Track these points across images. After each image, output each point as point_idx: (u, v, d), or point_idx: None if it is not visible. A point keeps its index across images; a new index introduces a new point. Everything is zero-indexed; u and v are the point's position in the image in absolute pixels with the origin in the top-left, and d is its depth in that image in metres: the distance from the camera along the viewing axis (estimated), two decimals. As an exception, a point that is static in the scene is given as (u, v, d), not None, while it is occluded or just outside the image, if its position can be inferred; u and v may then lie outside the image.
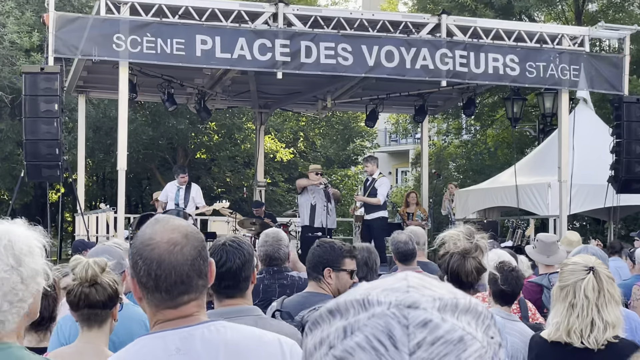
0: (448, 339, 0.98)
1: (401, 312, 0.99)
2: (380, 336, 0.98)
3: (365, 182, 14.90)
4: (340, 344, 0.99)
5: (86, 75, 15.17)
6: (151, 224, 2.20)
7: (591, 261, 3.86)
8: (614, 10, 22.15)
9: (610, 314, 3.71)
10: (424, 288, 1.03)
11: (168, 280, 2.11)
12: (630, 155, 13.58)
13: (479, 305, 1.04)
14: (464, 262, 4.09)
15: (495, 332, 1.04)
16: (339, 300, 1.05)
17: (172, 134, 24.07)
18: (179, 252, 2.12)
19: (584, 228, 22.30)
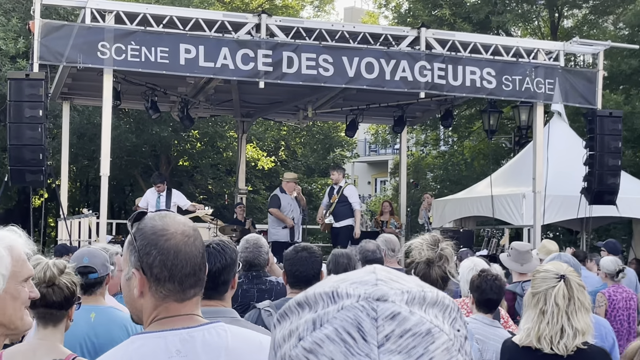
0: (416, 331, 0.98)
1: (370, 305, 0.99)
2: (349, 328, 0.98)
3: (331, 191, 15.01)
4: (310, 335, 1.00)
5: (71, 82, 15.31)
6: (159, 217, 2.20)
7: (563, 269, 3.94)
8: (588, 26, 22.54)
9: (580, 321, 3.79)
10: (392, 281, 1.04)
11: (183, 271, 2.12)
12: (603, 168, 13.90)
13: (446, 298, 1.05)
14: (429, 271, 4.13)
15: (461, 325, 1.05)
16: (307, 293, 1.05)
17: (155, 141, 24.19)
18: (192, 244, 2.14)
19: (557, 238, 22.59)
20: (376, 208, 28.22)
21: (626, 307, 9.22)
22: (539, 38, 23.25)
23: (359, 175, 45.41)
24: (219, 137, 25.80)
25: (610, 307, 9.18)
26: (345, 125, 18.74)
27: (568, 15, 24.29)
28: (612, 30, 22.71)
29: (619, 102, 18.14)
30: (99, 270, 4.49)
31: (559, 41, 16.94)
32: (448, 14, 20.75)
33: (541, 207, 14.12)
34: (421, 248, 4.17)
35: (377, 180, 45.28)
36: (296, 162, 30.69)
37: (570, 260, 5.30)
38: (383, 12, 27.05)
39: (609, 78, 19.62)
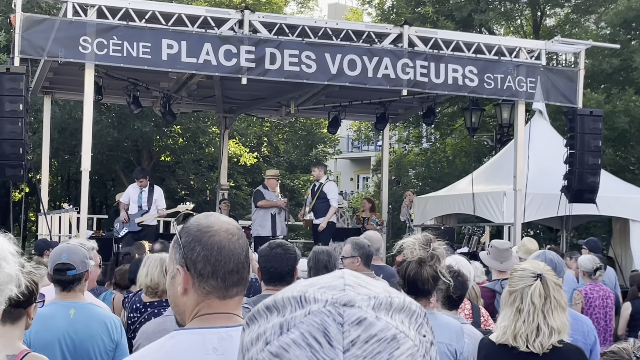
0: (381, 337, 0.99)
1: (337, 310, 1.00)
2: (315, 333, 0.99)
3: (313, 187, 15.03)
4: (276, 340, 1.01)
5: (52, 77, 15.25)
6: (204, 216, 2.22)
7: (540, 268, 3.96)
8: (570, 25, 22.67)
9: (556, 320, 3.81)
10: (360, 286, 1.05)
11: (226, 267, 2.13)
12: (583, 166, 14.00)
13: (412, 304, 1.06)
14: (420, 271, 4.14)
15: (427, 331, 1.06)
16: (276, 297, 1.06)
17: (137, 136, 24.12)
18: (236, 242, 2.16)
19: (538, 236, 22.72)
20: (358, 205, 28.29)
21: (603, 306, 9.29)
22: (522, 36, 23.35)
23: (342, 172, 45.46)
24: (201, 133, 25.76)
25: (587, 305, 9.24)
26: (327, 121, 18.74)
27: (550, 14, 24.42)
28: (594, 30, 22.85)
29: (599, 101, 18.25)
30: (77, 267, 4.48)
31: (541, 40, 17.03)
32: (431, 12, 20.82)
33: (522, 205, 14.20)
34: (413, 247, 4.17)
35: (360, 177, 45.35)
36: (279, 158, 30.69)
37: (554, 258, 5.29)
38: (366, 8, 27.09)
39: (590, 77, 19.75)
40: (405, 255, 4.21)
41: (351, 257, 6.89)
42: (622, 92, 19.38)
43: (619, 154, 20.92)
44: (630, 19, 19.88)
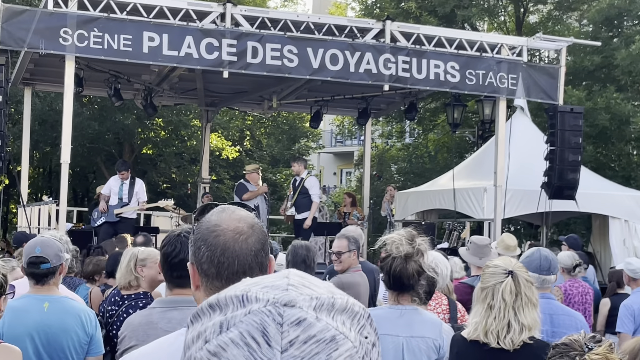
0: (320, 338, 0.99)
1: (277, 310, 1.00)
2: (254, 333, 0.99)
3: (294, 183, 15.02)
4: (215, 339, 1.01)
5: (33, 68, 15.16)
6: (217, 212, 2.15)
7: (511, 265, 3.99)
8: (553, 22, 22.76)
9: (527, 317, 3.83)
10: (304, 287, 1.05)
11: (230, 269, 2.06)
12: (563, 163, 14.07)
13: (355, 305, 1.06)
14: (406, 266, 4.18)
15: (369, 332, 1.05)
16: (220, 295, 1.06)
17: (119, 129, 24.03)
18: (244, 242, 2.07)
19: (518, 232, 22.83)
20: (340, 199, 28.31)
21: (582, 302, 9.35)
22: (504, 33, 23.40)
23: (325, 166, 45.46)
24: (183, 126, 25.68)
25: (566, 301, 9.30)
26: (309, 116, 18.74)
27: (533, 11, 24.50)
28: (577, 27, 22.94)
29: (581, 98, 18.34)
30: (51, 260, 4.46)
31: (524, 36, 17.07)
32: (414, 7, 20.83)
33: (502, 201, 14.26)
34: (400, 243, 4.19)
35: (343, 172, 45.36)
36: (261, 152, 30.65)
37: (549, 255, 5.31)
38: (350, 3, 27.08)
39: (572, 74, 19.85)
40: (389, 251, 4.22)
41: (348, 251, 6.91)
42: (603, 90, 19.49)
43: (599, 150, 21.03)
44: (612, 16, 20.00)
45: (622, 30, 20.65)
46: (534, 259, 5.11)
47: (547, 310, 4.74)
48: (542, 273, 5.04)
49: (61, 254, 4.58)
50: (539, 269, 5.04)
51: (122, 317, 5.83)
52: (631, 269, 8.17)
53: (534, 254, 5.20)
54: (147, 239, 9.98)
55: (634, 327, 7.82)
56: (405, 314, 4.32)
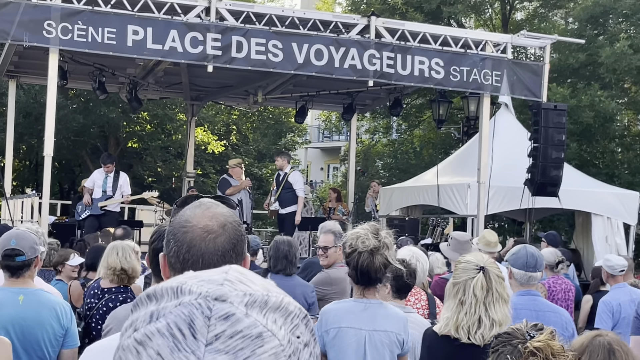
0: (247, 334, 1.00)
1: (207, 304, 1.01)
2: (181, 324, 0.99)
3: (277, 177, 15.04)
4: (144, 327, 1.01)
5: (17, 60, 15.11)
6: (193, 206, 2.10)
7: (483, 260, 4.01)
8: (539, 19, 22.83)
9: (498, 313, 3.85)
10: (240, 283, 1.06)
11: (194, 267, 1.99)
12: (546, 160, 14.12)
13: (291, 304, 1.07)
14: (372, 260, 4.20)
15: (303, 332, 1.05)
16: (157, 286, 1.07)
17: (104, 122, 23.95)
18: (212, 241, 2.02)
19: (502, 228, 22.94)
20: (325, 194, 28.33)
21: (565, 298, 9.42)
22: (491, 30, 23.49)
23: (312, 161, 45.48)
24: (168, 120, 25.63)
25: (550, 297, 9.37)
26: (295, 111, 18.76)
27: (520, 8, 24.57)
28: (562, 25, 23.02)
29: (565, 95, 18.41)
30: (26, 253, 4.45)
31: (510, 33, 17.12)
32: (400, 3, 20.85)
33: (485, 197, 14.31)
34: (366, 237, 4.21)
35: (330, 167, 45.40)
36: (247, 146, 30.61)
37: (535, 252, 5.33)
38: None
39: (557, 71, 19.93)
40: (355, 246, 4.23)
41: (335, 246, 6.94)
42: (587, 87, 19.57)
43: (583, 148, 21.13)
44: (597, 14, 20.08)
45: (607, 29, 20.74)
46: (520, 256, 5.14)
47: (532, 307, 4.78)
48: (528, 270, 5.07)
49: (36, 247, 4.57)
50: (525, 266, 5.07)
51: (102, 310, 5.85)
52: (609, 265, 8.23)
53: (520, 250, 5.22)
54: (126, 231, 10.00)
55: (612, 323, 7.88)
56: (370, 308, 4.35)
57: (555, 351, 2.45)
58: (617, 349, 3.05)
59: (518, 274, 4.46)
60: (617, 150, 22.46)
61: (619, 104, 20.76)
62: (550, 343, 2.47)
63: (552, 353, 2.44)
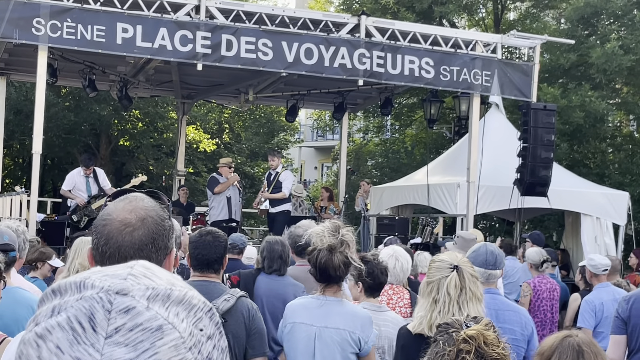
0: (147, 326, 1.01)
1: (107, 297, 1.02)
2: (81, 318, 1.00)
3: (269, 177, 15.05)
4: (45, 322, 1.02)
5: (7, 58, 15.10)
6: (117, 200, 2.14)
7: (457, 259, 4.03)
8: (530, 20, 22.86)
9: (471, 311, 3.82)
10: (144, 277, 1.07)
11: (111, 259, 2.02)
12: (535, 160, 14.16)
13: (194, 298, 1.08)
14: (331, 257, 4.23)
15: (206, 325, 1.07)
16: (62, 281, 1.08)
17: (95, 119, 23.93)
18: (128, 234, 2.04)
19: (493, 228, 22.99)
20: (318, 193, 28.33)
21: (550, 298, 9.46)
22: (483, 30, 23.50)
23: (306, 160, 45.47)
24: (159, 118, 25.62)
25: (535, 297, 9.41)
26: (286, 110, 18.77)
27: (511, 8, 24.61)
28: (554, 25, 23.05)
29: (556, 95, 18.44)
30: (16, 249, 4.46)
31: (502, 33, 17.14)
32: (392, 3, 20.86)
33: (474, 197, 14.33)
34: (322, 235, 4.25)
35: (324, 166, 45.38)
36: (240, 145, 30.61)
37: (495, 250, 5.36)
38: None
39: (548, 71, 19.97)
40: (314, 244, 4.27)
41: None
42: (578, 88, 19.60)
43: (574, 148, 21.17)
44: (588, 15, 20.11)
45: (598, 29, 20.78)
46: (480, 254, 5.15)
47: (492, 306, 4.78)
48: (488, 268, 5.08)
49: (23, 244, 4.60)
50: (485, 263, 5.08)
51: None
52: (593, 264, 8.26)
53: (480, 248, 5.24)
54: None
55: (595, 322, 7.92)
56: (326, 305, 4.36)
57: (489, 341, 2.49)
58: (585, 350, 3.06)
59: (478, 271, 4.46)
60: (607, 150, 22.50)
61: (610, 104, 20.80)
62: (484, 332, 2.51)
63: (485, 342, 2.48)
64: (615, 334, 5.55)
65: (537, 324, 9.06)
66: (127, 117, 25.52)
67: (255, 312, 4.62)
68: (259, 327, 4.60)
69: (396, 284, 6.01)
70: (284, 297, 6.47)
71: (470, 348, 2.47)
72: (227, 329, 4.43)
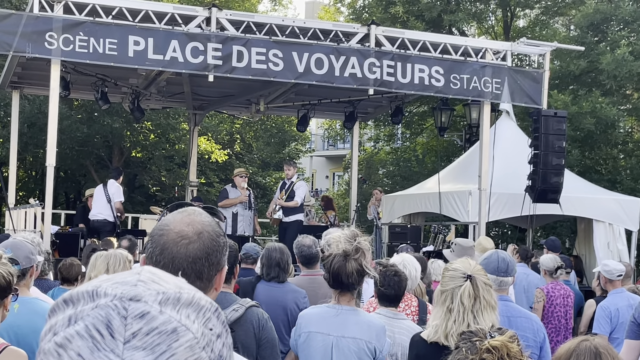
0: (162, 329, 1.05)
1: (122, 304, 1.06)
2: (99, 325, 1.04)
3: (283, 186, 15.10)
4: (63, 331, 1.05)
5: (20, 71, 15.21)
6: (176, 212, 2.16)
7: (470, 268, 4.02)
8: (540, 27, 22.86)
9: (486, 320, 3.85)
10: (153, 282, 1.11)
11: (165, 269, 1.93)
12: (547, 167, 14.15)
13: (202, 299, 1.12)
14: (344, 264, 4.24)
15: (215, 325, 1.12)
16: (73, 291, 1.11)
17: (107, 132, 24.06)
18: (184, 247, 2.05)
19: (505, 235, 22.95)
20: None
21: (564, 304, 9.44)
22: (492, 37, 23.53)
23: (317, 169, 45.52)
24: (171, 129, 25.72)
25: (548, 303, 9.40)
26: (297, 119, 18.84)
27: (521, 15, 24.62)
28: (564, 32, 23.04)
29: (566, 102, 18.43)
30: (21, 262, 4.49)
31: (512, 41, 17.16)
32: (401, 12, 20.92)
33: (486, 204, 14.33)
34: (339, 241, 4.29)
35: (335, 175, 45.42)
36: (251, 155, 30.69)
37: (506, 257, 5.37)
38: (339, 7, 27.17)
39: (558, 78, 19.95)
40: (332, 249, 4.31)
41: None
42: (588, 94, 19.58)
43: (586, 155, 21.14)
44: (598, 21, 20.11)
45: (608, 35, 20.77)
46: (492, 261, 5.17)
47: (504, 313, 4.79)
48: (499, 275, 5.10)
49: (32, 256, 4.61)
50: (496, 270, 5.10)
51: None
52: (607, 270, 8.26)
53: (492, 255, 5.26)
54: (132, 242, 9.98)
55: (610, 328, 7.91)
56: (342, 314, 4.37)
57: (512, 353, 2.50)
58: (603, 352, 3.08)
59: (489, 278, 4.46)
60: (619, 156, 22.45)
61: (621, 110, 20.76)
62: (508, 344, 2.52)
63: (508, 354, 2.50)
64: (631, 338, 5.54)
65: (551, 331, 9.06)
66: (139, 128, 25.63)
67: (265, 321, 4.59)
68: (270, 337, 4.58)
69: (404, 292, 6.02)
70: (284, 304, 6.50)
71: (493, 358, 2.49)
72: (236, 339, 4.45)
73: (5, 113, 20.82)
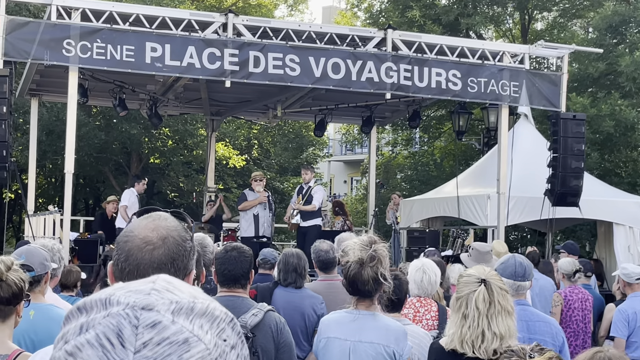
0: (173, 340, 1.03)
1: (134, 313, 1.05)
2: (109, 334, 1.03)
3: (300, 190, 15.09)
4: (74, 339, 1.04)
5: (39, 79, 15.30)
6: (142, 217, 2.15)
7: (484, 273, 3.98)
8: (558, 29, 22.75)
9: (500, 325, 3.81)
10: (167, 291, 1.10)
11: (130, 276, 2.02)
12: (566, 170, 14.06)
13: (216, 309, 1.10)
14: (360, 271, 4.21)
15: (229, 335, 1.10)
16: (87, 299, 1.10)
17: (125, 138, 24.17)
18: (148, 253, 2.05)
19: (525, 239, 22.81)
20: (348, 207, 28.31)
21: (582, 308, 9.37)
22: (510, 40, 23.43)
23: (335, 174, 45.51)
24: (189, 135, 25.81)
25: (566, 307, 9.33)
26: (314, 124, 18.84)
27: (539, 18, 24.52)
28: (582, 34, 22.92)
29: (585, 105, 18.32)
30: (36, 268, 4.49)
31: (529, 44, 17.09)
32: (418, 16, 20.88)
33: (505, 208, 14.26)
34: (354, 248, 4.24)
35: (353, 180, 45.39)
36: (269, 160, 30.74)
37: (524, 262, 5.34)
38: (355, 12, 27.18)
39: (577, 81, 19.83)
40: (348, 257, 4.27)
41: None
42: (607, 96, 19.45)
43: (605, 157, 20.99)
44: (616, 23, 19.97)
45: (627, 37, 20.63)
46: (509, 265, 5.14)
47: (522, 317, 4.76)
48: (517, 279, 5.06)
49: (47, 263, 4.60)
50: (514, 275, 5.07)
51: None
52: (625, 273, 8.19)
53: (509, 260, 5.21)
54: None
55: (628, 332, 7.84)
56: (359, 319, 4.35)
57: None
58: None
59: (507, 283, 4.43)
60: (639, 159, 22.26)
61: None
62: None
63: None
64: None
65: (569, 335, 8.99)
66: (157, 135, 25.74)
67: (283, 325, 4.64)
68: (287, 341, 4.63)
69: (424, 296, 5.99)
70: (302, 309, 6.50)
71: None
72: (256, 344, 4.47)
73: (24, 120, 20.95)
